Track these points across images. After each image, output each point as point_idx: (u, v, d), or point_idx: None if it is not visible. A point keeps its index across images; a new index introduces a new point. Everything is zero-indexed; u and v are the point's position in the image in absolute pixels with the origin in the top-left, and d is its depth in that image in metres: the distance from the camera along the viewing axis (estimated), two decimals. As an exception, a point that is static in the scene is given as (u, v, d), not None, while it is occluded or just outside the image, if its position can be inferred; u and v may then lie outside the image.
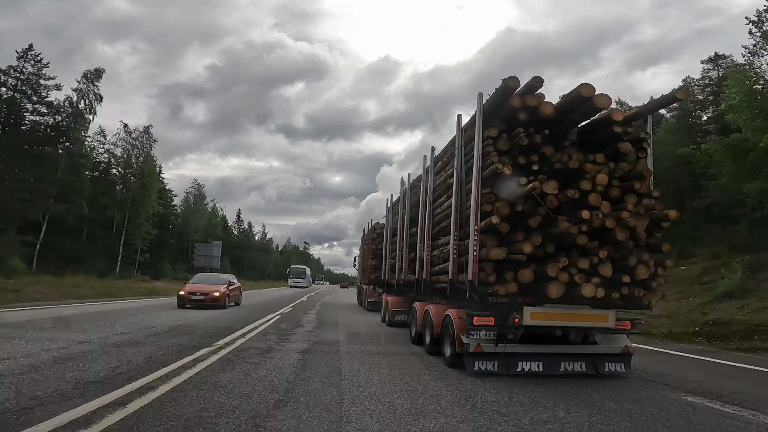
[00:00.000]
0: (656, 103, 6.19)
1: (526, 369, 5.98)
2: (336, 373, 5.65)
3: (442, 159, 8.21)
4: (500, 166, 5.68)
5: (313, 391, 4.72)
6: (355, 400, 4.41)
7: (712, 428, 4.03)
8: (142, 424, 3.41)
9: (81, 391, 4.22)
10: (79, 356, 5.91)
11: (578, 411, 4.36)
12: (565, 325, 5.76)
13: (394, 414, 4.02)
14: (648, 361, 7.30)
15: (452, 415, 4.08)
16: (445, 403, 4.50)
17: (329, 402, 4.29)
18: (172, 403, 3.98)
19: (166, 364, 5.65)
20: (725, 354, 8.75)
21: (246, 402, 4.16)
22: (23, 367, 5.09)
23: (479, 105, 6.14)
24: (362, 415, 3.92)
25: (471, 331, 5.88)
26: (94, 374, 4.95)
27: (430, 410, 4.20)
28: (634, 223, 5.35)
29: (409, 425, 3.72)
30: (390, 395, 4.67)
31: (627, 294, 5.55)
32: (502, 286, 5.64)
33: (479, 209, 5.90)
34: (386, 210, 14.47)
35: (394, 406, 4.28)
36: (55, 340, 7.14)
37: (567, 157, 5.81)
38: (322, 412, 3.92)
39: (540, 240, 5.60)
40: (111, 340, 7.53)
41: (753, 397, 5.15)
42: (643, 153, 6.02)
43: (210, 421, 3.54)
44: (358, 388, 4.92)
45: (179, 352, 6.61)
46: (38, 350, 6.16)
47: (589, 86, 5.48)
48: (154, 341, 7.67)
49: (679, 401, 4.94)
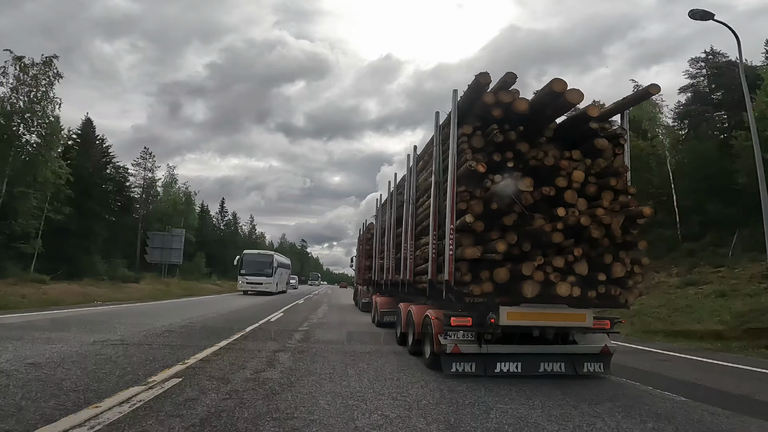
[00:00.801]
0: (631, 99, 6.09)
1: (504, 370, 5.89)
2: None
3: (423, 158, 8.13)
4: (474, 164, 5.60)
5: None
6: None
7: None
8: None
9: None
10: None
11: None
12: (542, 324, 5.67)
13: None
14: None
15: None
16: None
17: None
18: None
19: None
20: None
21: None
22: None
23: (454, 102, 6.06)
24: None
25: (448, 332, 5.80)
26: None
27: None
28: (609, 220, 5.25)
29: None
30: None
31: (603, 293, 5.45)
32: (477, 285, 5.55)
33: (455, 208, 5.82)
34: (376, 210, 14.39)
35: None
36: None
37: (543, 154, 5.72)
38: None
39: (515, 238, 5.51)
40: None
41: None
42: (620, 149, 5.92)
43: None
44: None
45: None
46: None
47: (560, 81, 5.38)
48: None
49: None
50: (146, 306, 16.53)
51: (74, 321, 10.14)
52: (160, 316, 12.42)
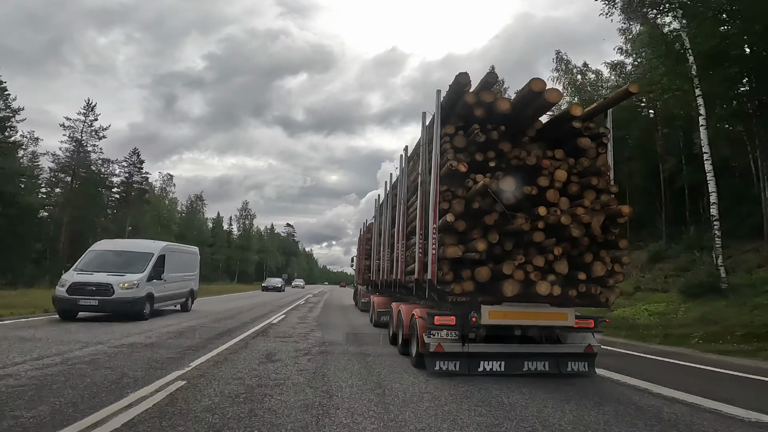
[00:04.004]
0: (612, 99, 6.08)
1: (488, 369, 5.90)
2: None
3: (413, 158, 8.17)
4: (455, 163, 5.63)
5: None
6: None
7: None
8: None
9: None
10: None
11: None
12: (523, 323, 5.67)
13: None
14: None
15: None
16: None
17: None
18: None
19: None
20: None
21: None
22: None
23: (437, 102, 6.09)
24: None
25: (432, 331, 5.83)
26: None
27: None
28: (588, 219, 5.25)
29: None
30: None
31: (584, 291, 5.45)
32: (459, 284, 5.59)
33: (437, 207, 5.85)
34: (374, 210, 14.45)
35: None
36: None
37: (525, 153, 5.74)
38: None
39: (497, 238, 5.53)
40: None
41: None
42: (603, 148, 5.91)
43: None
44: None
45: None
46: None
47: (539, 81, 5.40)
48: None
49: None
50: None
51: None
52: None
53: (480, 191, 5.42)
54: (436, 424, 3.82)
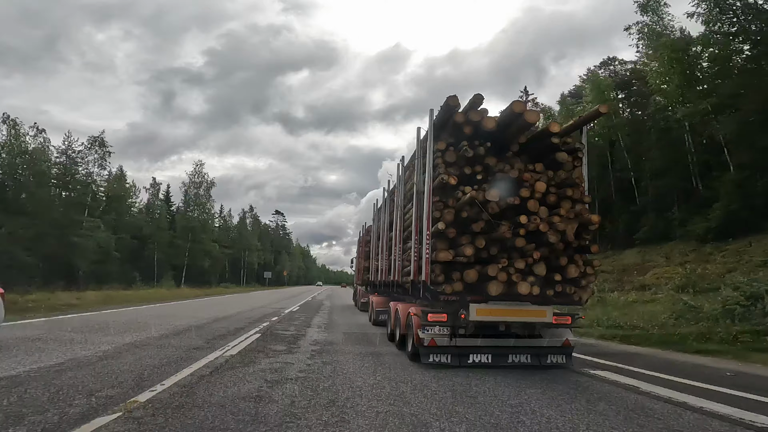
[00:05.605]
0: (585, 117, 6.76)
1: (476, 361, 6.55)
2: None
3: (409, 168, 8.81)
4: (446, 177, 6.27)
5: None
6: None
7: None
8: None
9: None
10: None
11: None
12: (507, 320, 6.32)
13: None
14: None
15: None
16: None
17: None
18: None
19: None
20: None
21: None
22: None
23: (430, 120, 6.73)
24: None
25: (426, 326, 6.48)
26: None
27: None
28: (563, 226, 5.91)
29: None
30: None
31: (560, 291, 6.11)
32: (450, 285, 6.24)
33: (431, 216, 6.50)
34: (373, 213, 15.08)
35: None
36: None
37: (509, 167, 6.39)
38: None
39: (483, 243, 6.19)
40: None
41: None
42: (578, 162, 6.57)
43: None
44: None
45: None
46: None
47: (520, 103, 6.08)
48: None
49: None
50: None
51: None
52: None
53: (468, 202, 6.07)
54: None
